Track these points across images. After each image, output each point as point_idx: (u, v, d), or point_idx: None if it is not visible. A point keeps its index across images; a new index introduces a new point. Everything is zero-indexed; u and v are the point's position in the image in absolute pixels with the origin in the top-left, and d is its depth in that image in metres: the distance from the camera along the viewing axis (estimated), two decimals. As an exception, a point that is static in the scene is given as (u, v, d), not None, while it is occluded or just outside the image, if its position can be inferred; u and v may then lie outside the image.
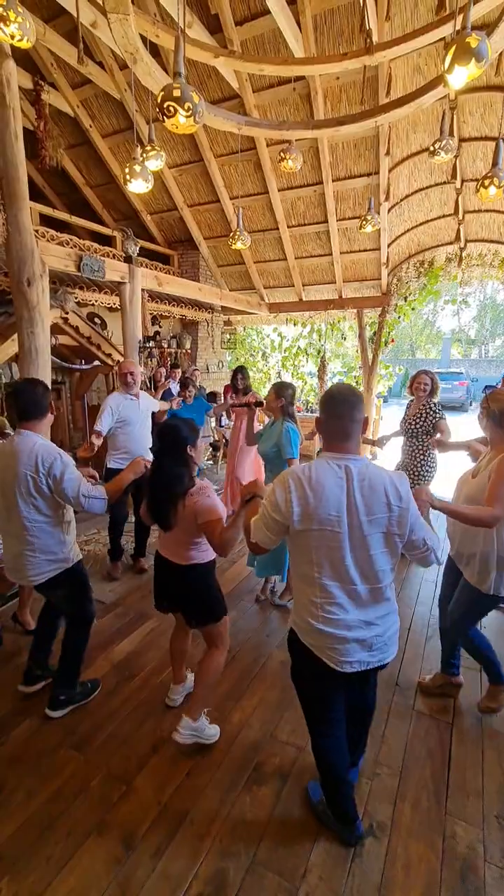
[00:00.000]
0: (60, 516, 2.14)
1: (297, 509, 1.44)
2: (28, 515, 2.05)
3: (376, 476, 1.47)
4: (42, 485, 2.00)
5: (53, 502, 2.07)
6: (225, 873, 1.62)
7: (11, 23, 2.37)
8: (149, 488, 2.00)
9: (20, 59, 4.82)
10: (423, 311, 25.70)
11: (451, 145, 3.41)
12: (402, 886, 1.59)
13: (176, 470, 1.95)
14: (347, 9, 4.32)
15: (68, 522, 2.20)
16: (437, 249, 6.81)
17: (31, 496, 2.02)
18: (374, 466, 1.52)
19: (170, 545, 2.10)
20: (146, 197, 7.08)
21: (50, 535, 2.11)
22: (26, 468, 1.98)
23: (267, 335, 9.90)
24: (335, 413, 1.50)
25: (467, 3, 1.69)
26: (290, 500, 1.44)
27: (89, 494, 2.04)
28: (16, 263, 3.53)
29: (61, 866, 1.63)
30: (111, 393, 3.80)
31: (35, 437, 2.05)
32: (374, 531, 1.46)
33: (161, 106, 1.78)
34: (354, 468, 1.46)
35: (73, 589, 2.26)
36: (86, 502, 2.03)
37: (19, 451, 2.00)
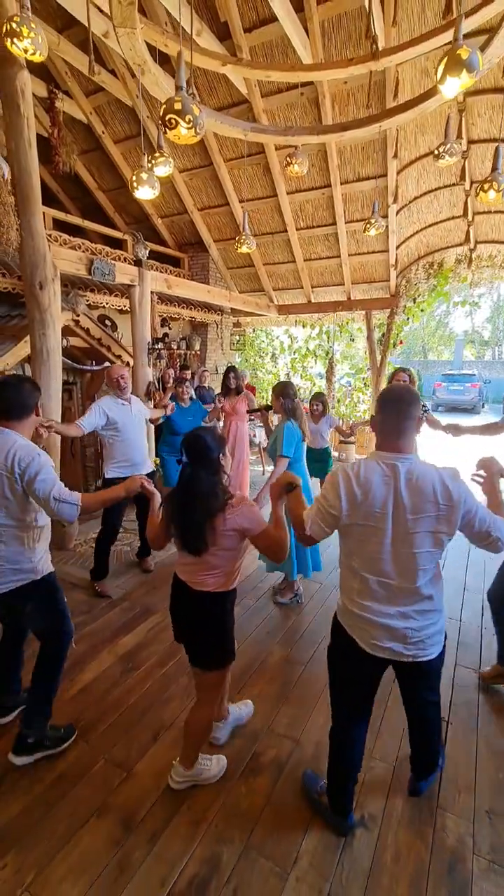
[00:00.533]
0: (32, 521, 1.95)
1: (345, 505, 1.52)
2: (1, 520, 1.89)
3: (425, 474, 1.50)
4: (17, 484, 1.85)
5: (25, 505, 1.90)
6: (219, 857, 1.68)
7: (25, 38, 2.47)
8: (179, 506, 1.74)
9: (36, 68, 4.97)
10: (436, 313, 25.54)
11: (456, 149, 3.43)
12: (391, 874, 1.63)
13: (211, 482, 1.73)
14: (355, 14, 4.37)
15: (41, 528, 2.01)
16: (447, 251, 6.80)
17: (4, 498, 1.86)
18: (424, 465, 1.54)
19: (190, 568, 1.82)
20: (157, 200, 7.20)
21: (18, 540, 1.93)
22: (1, 468, 1.83)
23: (276, 337, 9.95)
24: (390, 412, 1.56)
25: (458, 16, 1.73)
26: (340, 496, 1.52)
27: (60, 497, 1.87)
28: (29, 267, 3.65)
29: (63, 844, 1.71)
30: (104, 397, 3.57)
31: (15, 435, 1.90)
32: (420, 529, 1.49)
33: (163, 118, 1.85)
34: (402, 467, 1.51)
35: (43, 601, 2.02)
36: (55, 505, 1.86)
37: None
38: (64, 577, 3.64)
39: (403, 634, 1.55)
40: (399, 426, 1.55)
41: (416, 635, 1.55)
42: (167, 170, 3.58)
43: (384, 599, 1.55)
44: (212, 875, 1.62)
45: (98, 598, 3.38)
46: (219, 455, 1.78)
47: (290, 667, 2.70)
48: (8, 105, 3.34)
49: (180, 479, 1.77)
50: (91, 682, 2.55)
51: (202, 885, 1.59)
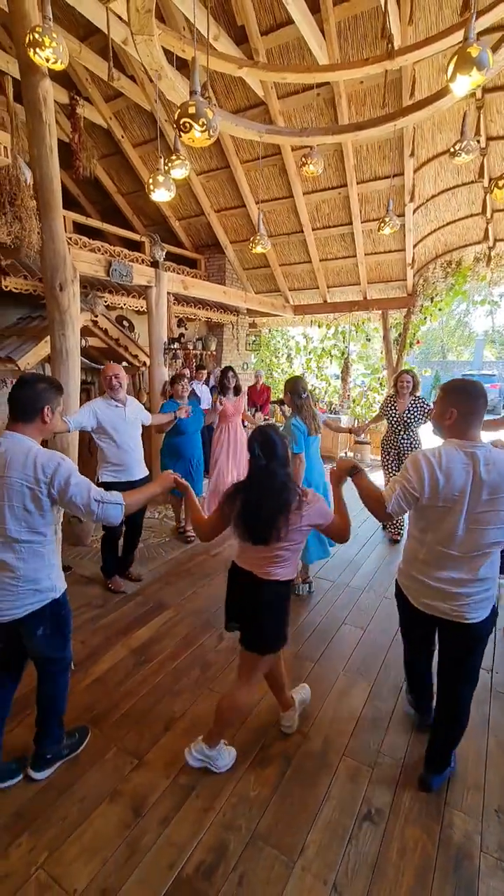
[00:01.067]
0: (54, 534, 1.83)
1: (427, 490, 1.69)
2: (18, 535, 1.71)
3: (501, 460, 1.67)
4: (42, 496, 1.69)
5: (49, 516, 1.76)
6: (226, 844, 1.71)
7: (47, 47, 2.57)
8: (251, 501, 1.79)
9: (57, 76, 5.11)
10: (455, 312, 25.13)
11: (473, 146, 3.40)
12: (397, 868, 1.64)
13: (284, 475, 1.80)
14: (371, 14, 4.36)
15: (59, 541, 1.92)
16: (465, 249, 6.72)
17: (25, 511, 1.69)
18: (498, 452, 1.70)
19: (252, 557, 1.88)
20: (174, 203, 7.30)
21: (41, 557, 1.78)
22: (22, 477, 1.67)
23: (292, 337, 9.96)
24: (470, 406, 1.72)
25: (470, 13, 1.74)
26: (423, 480, 1.69)
27: (103, 499, 1.75)
28: (49, 269, 3.75)
29: (75, 826, 1.76)
30: (98, 398, 3.47)
31: (29, 441, 1.74)
32: (494, 509, 1.65)
33: (178, 122, 1.91)
34: (480, 454, 1.68)
35: (56, 626, 1.87)
36: (99, 508, 1.74)
37: (11, 458, 1.68)
38: (81, 573, 3.73)
39: (454, 596, 1.75)
40: (479, 418, 1.73)
41: (466, 598, 1.74)
42: (183, 172, 3.64)
43: (445, 567, 1.75)
44: (219, 861, 1.66)
45: (113, 593, 3.46)
46: (287, 451, 1.87)
47: (299, 663, 2.72)
48: (31, 112, 3.45)
49: (252, 474, 1.83)
50: (105, 673, 2.61)
51: (209, 871, 1.62)
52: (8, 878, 1.58)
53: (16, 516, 1.69)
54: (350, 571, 3.90)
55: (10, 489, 1.67)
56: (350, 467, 1.93)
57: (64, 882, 1.57)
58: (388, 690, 2.50)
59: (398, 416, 4.34)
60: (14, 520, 1.69)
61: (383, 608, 3.30)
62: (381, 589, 3.58)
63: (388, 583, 3.64)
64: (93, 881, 1.58)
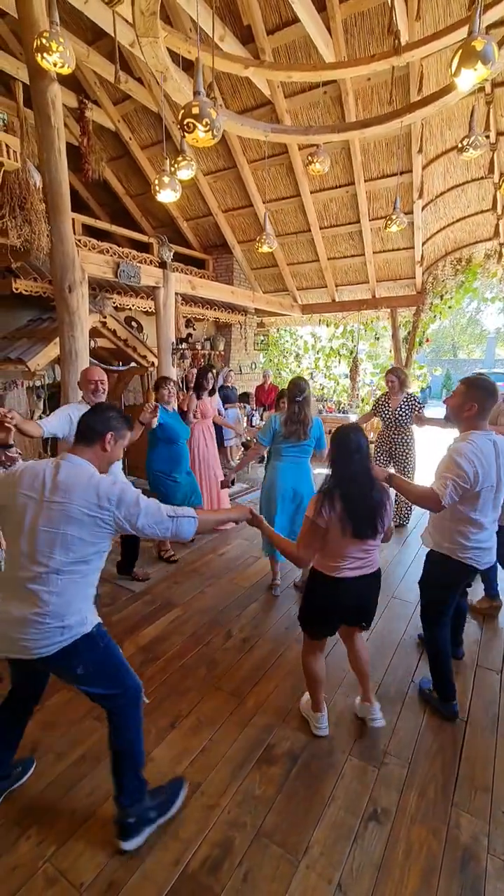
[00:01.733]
0: (100, 562, 1.67)
1: (478, 478, 2.00)
2: (60, 565, 1.53)
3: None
4: (105, 524, 1.55)
5: (106, 545, 1.63)
6: (231, 841, 1.72)
7: (54, 52, 2.60)
8: (357, 494, 1.87)
9: (66, 80, 5.16)
10: (466, 310, 24.85)
11: (481, 141, 3.37)
12: (402, 868, 1.64)
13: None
14: (378, 10, 4.35)
15: (99, 569, 1.71)
16: (476, 246, 6.65)
17: (80, 539, 1.54)
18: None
19: (363, 561, 2.00)
20: (182, 203, 7.33)
21: (77, 589, 1.60)
22: (83, 504, 1.52)
23: (300, 336, 9.95)
24: (488, 401, 2.08)
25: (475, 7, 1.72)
26: (472, 471, 1.98)
27: (177, 514, 1.63)
28: (58, 271, 3.80)
29: (83, 820, 1.78)
30: (72, 402, 3.22)
31: (89, 466, 1.63)
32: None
33: (182, 123, 1.92)
34: (500, 441, 2.07)
35: (97, 662, 1.65)
36: (174, 524, 1.62)
37: (71, 483, 1.55)
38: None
39: (492, 552, 2.23)
40: (490, 412, 2.12)
41: (496, 552, 2.28)
42: (190, 173, 3.66)
43: (488, 531, 2.18)
44: (224, 858, 1.66)
45: (121, 590, 3.49)
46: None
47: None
48: (40, 116, 3.50)
49: (352, 472, 1.90)
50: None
51: (214, 867, 1.63)
52: (16, 870, 1.61)
53: (66, 545, 1.53)
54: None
55: (68, 516, 1.52)
56: (385, 476, 2.15)
57: (71, 875, 1.59)
58: (395, 690, 2.49)
59: (391, 413, 4.45)
60: (62, 549, 1.53)
61: (390, 608, 3.29)
62: (389, 589, 3.56)
63: (396, 583, 3.62)
64: (99, 875, 1.60)
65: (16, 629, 1.53)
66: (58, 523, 1.52)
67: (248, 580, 3.71)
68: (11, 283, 4.51)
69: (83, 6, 4.08)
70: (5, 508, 1.59)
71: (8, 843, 1.70)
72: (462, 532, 2.16)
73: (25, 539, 1.53)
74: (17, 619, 1.53)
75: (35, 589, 1.53)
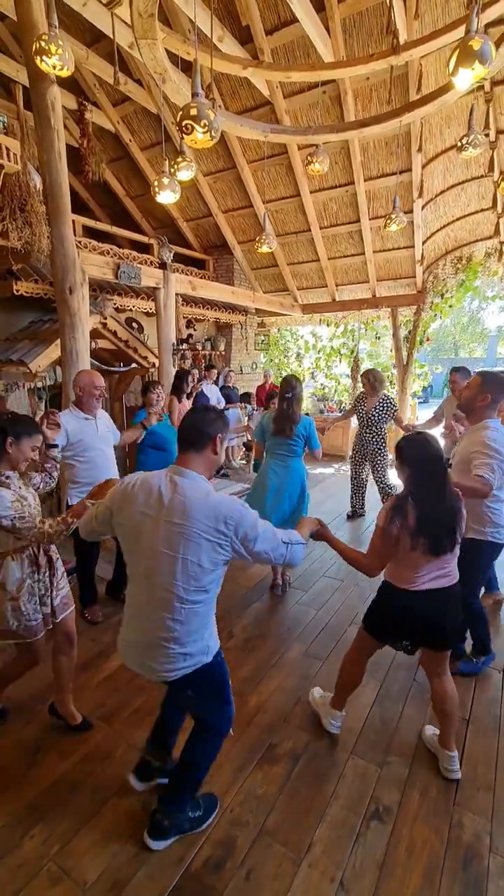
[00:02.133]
0: (217, 589, 1.56)
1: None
2: (184, 594, 1.45)
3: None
4: (223, 549, 1.45)
5: (221, 571, 1.52)
6: (234, 840, 1.73)
7: (53, 55, 2.61)
8: (440, 510, 1.77)
9: (65, 82, 5.17)
10: (467, 308, 24.81)
11: (480, 140, 3.36)
12: (404, 866, 1.64)
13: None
14: (376, 9, 4.34)
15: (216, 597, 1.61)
16: (476, 244, 6.63)
17: (198, 566, 1.44)
18: None
19: (441, 572, 1.86)
20: (182, 204, 7.34)
21: (199, 618, 1.51)
22: (203, 528, 1.42)
23: (301, 336, 9.95)
24: (501, 394, 2.32)
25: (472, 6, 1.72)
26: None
27: (291, 540, 1.57)
28: (59, 273, 3.81)
29: (87, 819, 1.79)
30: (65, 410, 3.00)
31: (205, 483, 1.51)
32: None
33: (180, 124, 1.92)
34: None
35: (208, 690, 1.63)
36: (288, 551, 1.55)
37: (190, 503, 1.43)
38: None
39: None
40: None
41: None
42: (189, 174, 3.66)
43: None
44: (227, 856, 1.67)
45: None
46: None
47: (308, 661, 2.73)
48: (40, 119, 3.51)
49: (431, 484, 1.77)
50: (116, 670, 2.64)
51: (217, 866, 1.64)
52: (21, 868, 1.62)
53: (187, 572, 1.43)
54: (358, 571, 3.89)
55: (188, 541, 1.42)
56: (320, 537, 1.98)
57: (75, 874, 1.60)
58: (397, 690, 2.49)
59: (366, 413, 4.59)
60: (184, 575, 1.43)
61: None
62: (391, 588, 3.56)
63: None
64: (103, 874, 1.61)
65: (142, 650, 1.53)
66: (177, 547, 1.43)
67: (250, 580, 3.72)
68: (12, 285, 4.53)
69: (82, 8, 4.09)
70: (121, 526, 1.54)
71: (12, 841, 1.71)
72: (495, 510, 2.36)
73: (147, 560, 1.47)
74: (143, 641, 1.52)
75: (160, 615, 1.48)
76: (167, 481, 1.49)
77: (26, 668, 2.13)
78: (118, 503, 1.54)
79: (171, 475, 1.50)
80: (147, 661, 1.52)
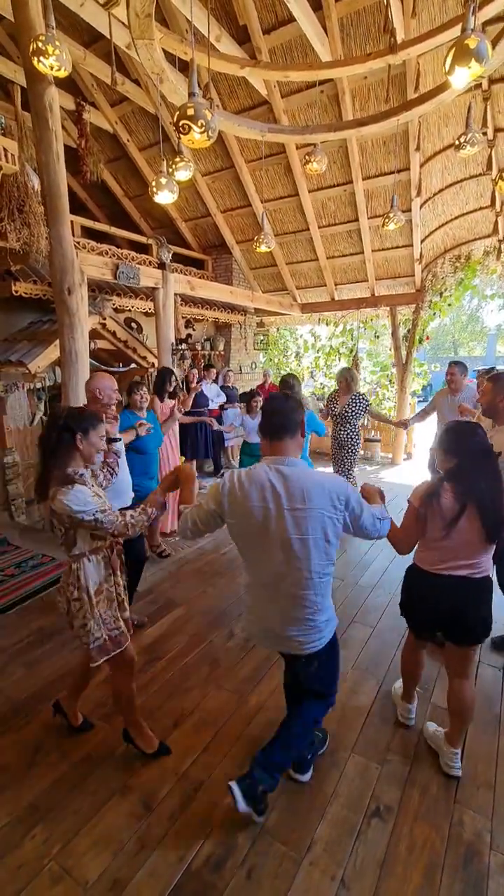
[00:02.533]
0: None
1: None
2: (321, 569, 1.61)
3: None
4: (339, 524, 1.60)
5: (338, 543, 1.66)
6: (235, 838, 1.73)
7: (50, 55, 2.61)
8: (481, 492, 1.78)
9: (63, 82, 5.17)
10: (467, 307, 24.80)
11: (478, 138, 3.36)
12: (405, 864, 1.64)
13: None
14: (374, 8, 4.34)
15: None
16: (474, 243, 6.64)
17: (326, 542, 1.59)
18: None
19: (467, 560, 1.85)
20: (181, 204, 7.34)
21: (328, 587, 1.71)
22: (323, 507, 1.55)
23: (300, 335, 9.95)
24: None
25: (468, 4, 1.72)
26: None
27: (381, 515, 1.73)
28: (58, 273, 3.81)
29: (88, 819, 1.80)
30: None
31: (303, 464, 1.65)
32: None
33: (177, 124, 1.93)
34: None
35: (333, 661, 1.84)
36: (380, 525, 1.71)
37: (307, 486, 1.55)
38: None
39: None
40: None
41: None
42: (187, 174, 3.67)
43: None
44: (227, 855, 1.67)
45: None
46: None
47: (309, 660, 2.72)
48: (38, 120, 3.51)
49: (478, 469, 1.78)
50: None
51: (218, 865, 1.64)
52: (22, 868, 1.62)
53: (318, 549, 1.58)
54: (359, 570, 3.89)
55: (315, 521, 1.55)
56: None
57: (76, 873, 1.61)
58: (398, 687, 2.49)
59: (338, 410, 4.62)
60: (317, 553, 1.59)
61: (392, 606, 3.29)
62: (391, 587, 3.56)
63: (397, 581, 3.62)
64: (104, 873, 1.61)
65: (287, 630, 1.67)
66: (306, 529, 1.55)
67: (250, 579, 3.72)
68: (11, 285, 4.53)
69: (79, 9, 4.09)
70: (238, 525, 1.61)
71: (13, 841, 1.71)
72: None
73: (279, 549, 1.58)
74: (285, 622, 1.66)
75: (303, 593, 1.62)
76: (274, 473, 1.58)
77: (129, 677, 2.00)
78: (228, 505, 1.60)
79: (275, 467, 1.59)
80: (293, 638, 1.68)
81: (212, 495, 1.63)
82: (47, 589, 3.49)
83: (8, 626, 3.06)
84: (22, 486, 5.14)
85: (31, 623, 3.08)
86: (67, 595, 1.84)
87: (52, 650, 2.80)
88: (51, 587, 3.50)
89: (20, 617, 3.16)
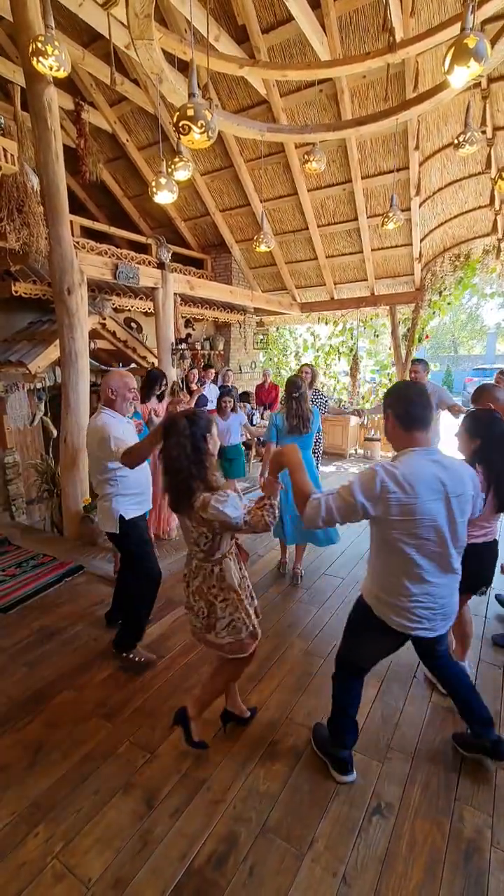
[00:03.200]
0: None
1: None
2: (464, 542, 1.76)
3: None
4: (473, 508, 1.78)
5: None
6: (236, 835, 1.74)
7: (49, 56, 2.61)
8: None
9: (62, 82, 5.18)
10: (466, 306, 24.81)
11: (477, 137, 3.37)
12: (406, 861, 1.65)
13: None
14: (373, 7, 4.34)
15: None
16: (474, 242, 6.65)
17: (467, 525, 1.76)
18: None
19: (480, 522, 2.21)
20: (180, 204, 7.34)
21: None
22: (471, 491, 1.71)
23: (300, 335, 9.96)
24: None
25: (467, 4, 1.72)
26: None
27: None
28: (57, 273, 3.82)
29: (90, 818, 1.80)
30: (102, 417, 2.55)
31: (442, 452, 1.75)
32: None
33: (177, 125, 1.93)
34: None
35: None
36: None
37: (460, 474, 1.67)
38: (93, 572, 3.79)
39: None
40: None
41: None
42: (186, 174, 3.67)
43: None
44: (229, 852, 1.68)
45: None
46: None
47: (309, 659, 2.73)
48: (37, 120, 3.52)
49: (499, 448, 2.13)
50: (117, 668, 2.65)
51: (220, 861, 1.65)
52: (25, 867, 1.63)
53: (464, 529, 1.73)
54: (360, 568, 3.90)
55: (469, 503, 1.70)
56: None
57: (78, 871, 1.61)
58: (398, 687, 2.50)
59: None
60: (465, 532, 1.73)
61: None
62: (392, 585, 3.57)
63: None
64: (106, 871, 1.61)
65: (446, 611, 1.78)
66: (463, 512, 1.69)
67: (251, 577, 3.71)
68: (11, 286, 4.53)
69: (78, 9, 4.09)
70: (406, 522, 1.60)
71: (16, 840, 1.72)
72: None
73: (450, 533, 1.67)
74: (447, 603, 1.77)
75: (457, 567, 1.76)
76: (433, 464, 1.63)
77: (245, 665, 2.09)
78: (392, 504, 1.56)
79: (432, 458, 1.65)
80: (448, 619, 1.81)
81: (363, 489, 1.57)
82: (48, 589, 3.49)
83: (8, 626, 3.06)
84: (22, 485, 5.15)
85: (32, 623, 3.08)
86: (209, 598, 1.85)
87: (53, 650, 2.80)
88: (51, 587, 3.51)
89: (21, 617, 3.16)
